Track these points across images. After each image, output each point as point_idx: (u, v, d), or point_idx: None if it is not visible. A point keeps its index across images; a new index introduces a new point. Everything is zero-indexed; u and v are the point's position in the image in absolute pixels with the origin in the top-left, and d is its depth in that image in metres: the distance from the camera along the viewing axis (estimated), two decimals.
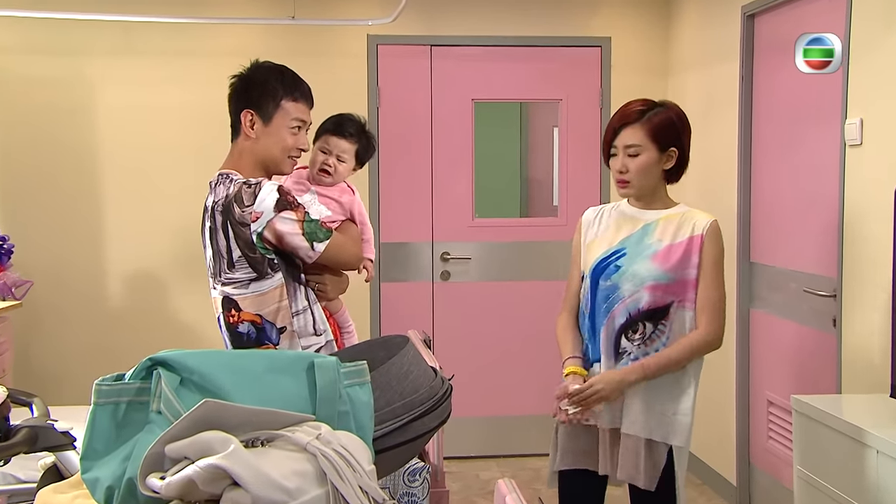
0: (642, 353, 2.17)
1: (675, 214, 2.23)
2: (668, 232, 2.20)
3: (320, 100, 2.24)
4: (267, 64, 2.17)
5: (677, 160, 2.22)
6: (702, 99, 3.94)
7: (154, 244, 4.09)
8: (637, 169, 2.18)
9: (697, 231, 2.18)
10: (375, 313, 4.26)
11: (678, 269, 2.16)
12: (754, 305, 3.51)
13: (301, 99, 2.14)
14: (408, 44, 4.23)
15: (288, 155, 2.14)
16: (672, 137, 2.19)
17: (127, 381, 1.02)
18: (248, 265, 2.05)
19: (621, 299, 2.18)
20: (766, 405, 3.39)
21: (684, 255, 2.16)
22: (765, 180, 3.44)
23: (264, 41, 4.07)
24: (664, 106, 2.21)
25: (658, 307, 2.16)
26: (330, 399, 1.07)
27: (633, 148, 2.18)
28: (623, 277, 2.18)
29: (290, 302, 2.08)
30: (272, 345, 2.08)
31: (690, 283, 2.16)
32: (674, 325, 2.17)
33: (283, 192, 2.03)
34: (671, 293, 2.16)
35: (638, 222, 2.24)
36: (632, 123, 2.18)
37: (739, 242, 3.55)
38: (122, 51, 4.05)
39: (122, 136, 4.07)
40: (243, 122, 2.12)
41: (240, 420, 0.95)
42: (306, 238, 2.03)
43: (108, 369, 1.09)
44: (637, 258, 2.19)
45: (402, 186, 4.28)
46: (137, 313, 4.12)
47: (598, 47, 4.30)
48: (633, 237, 2.23)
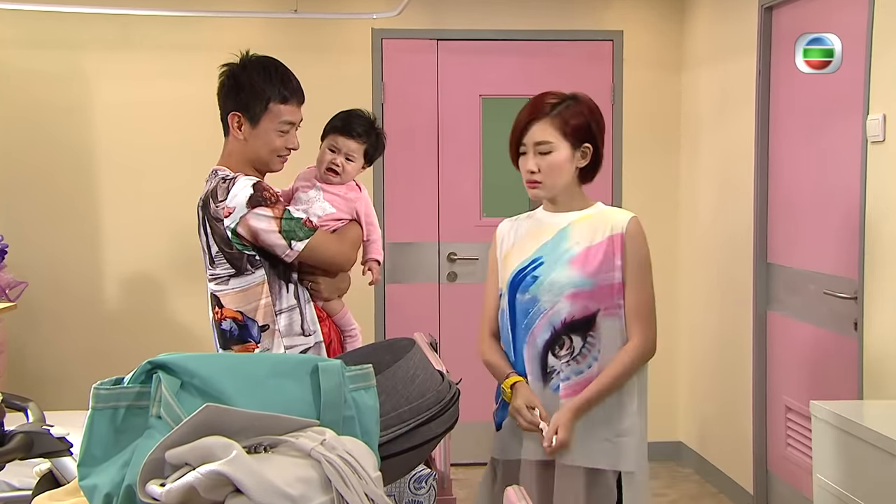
0: (574, 372, 2.05)
1: (590, 215, 2.12)
2: (585, 234, 2.09)
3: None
4: (255, 61, 2.17)
5: (592, 158, 2.11)
6: (717, 94, 3.93)
7: (152, 244, 4.10)
8: (549, 168, 2.07)
9: (617, 230, 2.07)
10: (380, 315, 4.26)
11: (599, 273, 2.04)
12: (771, 308, 3.50)
13: (291, 99, 2.15)
14: (413, 38, 4.23)
15: (277, 155, 2.18)
16: (585, 133, 2.09)
17: (126, 384, 1.02)
18: (226, 261, 2.10)
19: (542, 313, 2.06)
20: (783, 411, 3.38)
21: (605, 257, 2.05)
22: (782, 178, 3.43)
23: (266, 35, 4.07)
24: (576, 99, 2.10)
25: (583, 318, 2.04)
26: (334, 403, 1.07)
27: (545, 145, 2.06)
28: (542, 288, 2.06)
29: (273, 299, 2.11)
30: (254, 343, 2.11)
31: (615, 287, 2.05)
32: (603, 337, 2.05)
33: (258, 188, 2.06)
34: (595, 300, 2.04)
35: (553, 227, 2.13)
36: (542, 118, 2.07)
37: (756, 243, 3.54)
38: (119, 45, 4.06)
39: (120, 133, 4.08)
40: (230, 125, 2.16)
41: (242, 425, 0.95)
42: (283, 236, 2.06)
43: (105, 373, 1.09)
44: (555, 265, 2.07)
45: (407, 185, 4.28)
46: (135, 315, 4.13)
47: (609, 41, 4.30)
48: (549, 244, 2.11)
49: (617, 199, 4.28)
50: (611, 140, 4.31)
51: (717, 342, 3.97)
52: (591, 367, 2.05)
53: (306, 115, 2.31)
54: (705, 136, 4.08)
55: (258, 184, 2.08)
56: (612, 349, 2.06)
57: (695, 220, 4.19)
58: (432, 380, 1.48)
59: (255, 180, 2.09)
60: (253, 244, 2.08)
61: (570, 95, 2.11)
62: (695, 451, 4.24)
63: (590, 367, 2.05)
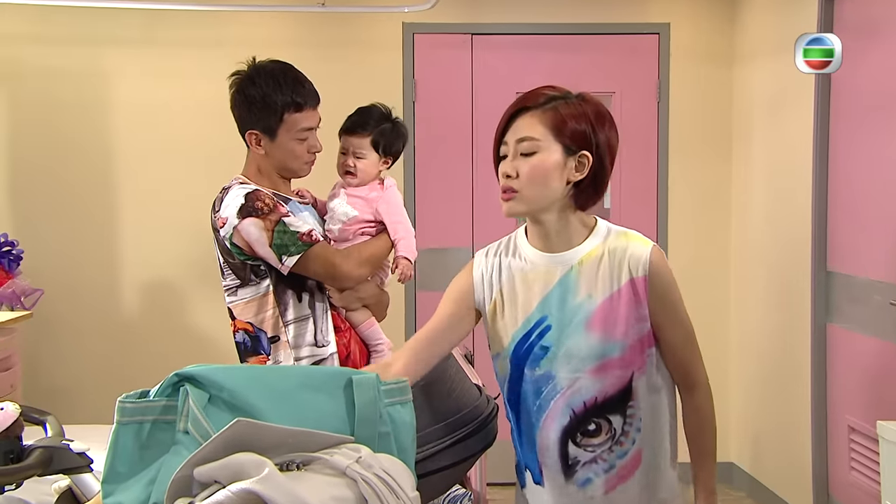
0: (618, 456, 1.70)
1: (597, 249, 1.72)
2: (598, 281, 1.69)
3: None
4: (264, 70, 2.19)
5: (591, 172, 1.69)
6: (772, 90, 3.89)
7: (173, 250, 4.14)
8: (531, 172, 1.67)
9: (637, 271, 1.68)
10: (411, 325, 4.27)
11: (628, 332, 1.67)
12: (832, 320, 3.45)
13: (306, 105, 2.19)
14: (447, 32, 4.23)
15: (304, 162, 2.23)
16: (584, 138, 1.67)
17: (152, 398, 1.04)
18: (231, 272, 2.16)
19: (560, 391, 1.68)
20: (846, 432, 3.33)
21: (629, 309, 1.67)
22: (843, 180, 3.38)
23: (293, 30, 4.11)
24: (583, 98, 1.72)
25: (618, 391, 1.68)
26: (370, 419, 1.08)
27: (529, 142, 1.67)
28: (556, 363, 1.68)
29: (281, 310, 2.15)
30: (265, 355, 2.15)
31: (646, 339, 1.69)
32: (642, 402, 1.70)
33: (251, 198, 2.10)
34: (628, 364, 1.68)
35: (553, 273, 1.72)
36: (530, 110, 1.69)
37: (815, 250, 3.49)
38: (140, 41, 4.12)
39: (140, 134, 4.13)
40: (250, 143, 2.22)
41: (274, 441, 0.96)
42: (274, 250, 2.09)
43: (124, 384, 1.10)
44: (566, 330, 1.68)
45: (439, 187, 4.28)
46: (155, 324, 4.17)
47: (655, 34, 4.27)
48: (551, 298, 1.70)
49: (663, 205, 4.25)
50: (657, 141, 4.28)
51: (772, 356, 3.92)
52: (634, 442, 1.71)
53: (333, 115, 2.32)
54: (759, 135, 4.03)
55: (252, 193, 2.12)
56: (648, 411, 1.72)
57: (748, 225, 4.15)
58: (469, 395, 1.49)
59: (250, 189, 2.13)
60: (251, 254, 2.12)
61: (578, 94, 1.73)
62: (748, 473, 4.19)
63: (634, 444, 1.71)
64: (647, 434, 1.72)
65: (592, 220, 1.78)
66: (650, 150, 4.23)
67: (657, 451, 1.73)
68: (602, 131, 1.70)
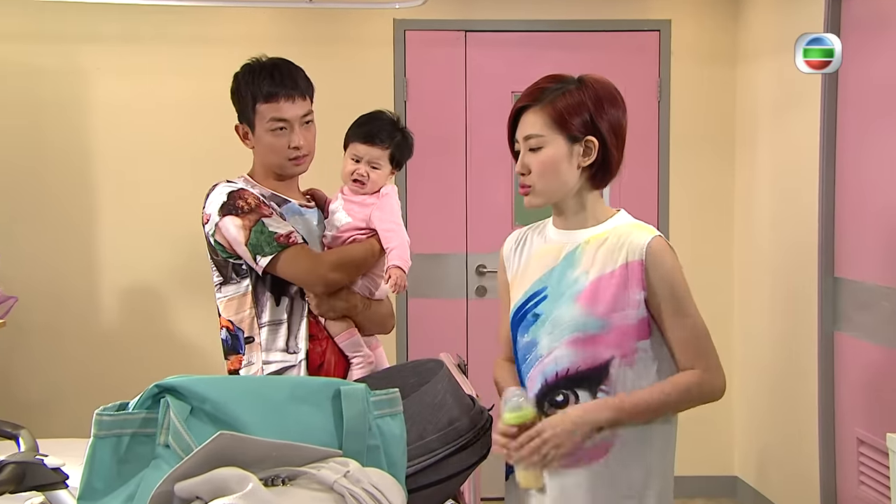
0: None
1: (605, 234, 1.85)
2: (596, 260, 1.82)
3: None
4: (252, 63, 2.24)
5: (599, 155, 1.83)
6: (777, 90, 3.90)
7: (154, 255, 4.14)
8: (539, 167, 1.83)
9: (634, 255, 1.79)
10: (402, 334, 4.27)
11: (613, 312, 1.77)
12: (840, 328, 3.46)
13: (276, 96, 2.19)
14: (439, 29, 4.24)
15: (286, 158, 2.24)
16: (585, 123, 1.81)
17: (131, 410, 1.04)
18: (216, 268, 2.23)
19: (538, 360, 1.82)
20: (855, 444, 3.34)
21: (617, 290, 1.78)
22: (852, 182, 3.39)
23: (279, 26, 4.11)
24: (580, 82, 1.85)
25: (591, 368, 1.78)
26: (358, 432, 1.08)
27: (533, 139, 1.83)
28: (542, 329, 1.82)
29: (257, 311, 2.20)
30: (241, 354, 2.21)
31: (630, 329, 1.78)
32: (619, 392, 1.78)
33: (233, 197, 2.16)
34: (608, 346, 1.77)
35: (560, 249, 1.87)
36: (530, 107, 1.85)
37: (821, 255, 3.50)
38: (120, 38, 4.11)
39: (120, 134, 4.13)
40: (239, 137, 2.29)
41: (258, 455, 0.96)
42: (249, 249, 2.14)
43: (103, 396, 1.10)
44: (559, 300, 1.82)
45: (432, 190, 4.29)
46: (136, 333, 4.16)
47: (655, 31, 4.28)
48: (555, 272, 1.86)
49: (664, 208, 4.26)
50: (657, 142, 4.29)
51: (778, 366, 3.92)
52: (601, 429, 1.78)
53: (321, 114, 2.33)
54: (763, 135, 4.05)
55: (236, 191, 2.18)
56: None
57: (752, 229, 4.16)
58: (462, 406, 1.49)
59: (234, 188, 2.19)
60: (233, 252, 2.18)
61: (575, 78, 1.87)
62: (752, 488, 4.19)
63: (601, 430, 1.79)
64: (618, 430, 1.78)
65: (615, 211, 1.92)
66: (650, 152, 4.24)
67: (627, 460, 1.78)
68: (603, 114, 1.83)
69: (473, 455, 1.61)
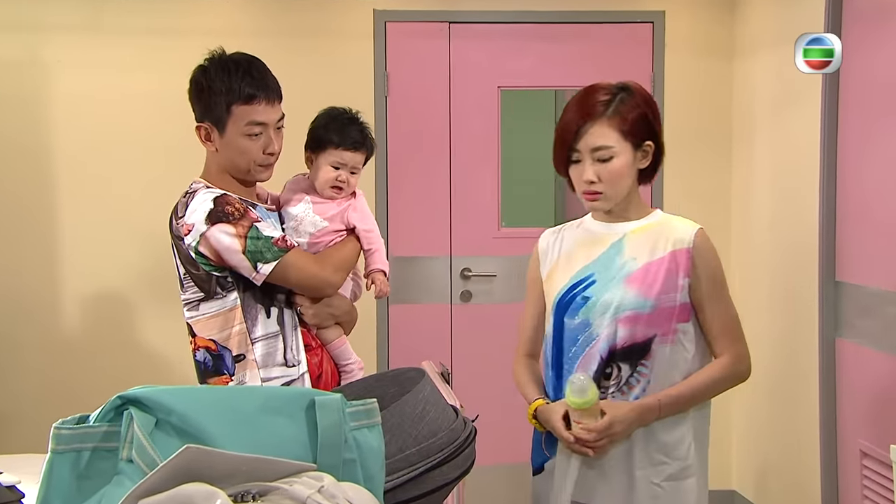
0: None
1: (649, 225, 2.17)
2: (644, 247, 2.13)
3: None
4: (220, 59, 2.21)
5: (653, 155, 2.16)
6: (776, 85, 3.93)
7: (120, 258, 4.11)
8: (611, 176, 2.09)
9: (681, 244, 2.11)
10: (383, 341, 4.26)
11: (660, 294, 2.07)
12: (842, 334, 3.48)
13: (258, 97, 2.18)
14: (422, 21, 4.25)
15: (258, 164, 2.22)
16: (646, 129, 2.12)
17: (92, 423, 1.03)
18: (193, 284, 2.16)
19: (594, 339, 2.10)
20: (858, 457, 3.35)
21: (667, 275, 2.09)
22: (854, 181, 3.42)
23: (251, 18, 4.10)
24: (628, 89, 2.13)
25: (635, 343, 2.08)
26: (334, 444, 1.08)
27: (605, 150, 2.08)
28: (594, 311, 2.10)
29: (248, 326, 2.16)
30: (228, 375, 2.16)
31: (676, 310, 2.09)
32: (656, 367, 2.09)
33: (220, 203, 2.11)
34: (652, 325, 2.08)
35: (606, 239, 2.18)
36: (597, 120, 2.09)
37: (822, 258, 3.52)
38: (83, 28, 4.09)
39: (83, 130, 4.11)
40: (200, 137, 2.23)
41: (227, 469, 0.95)
42: (248, 257, 2.10)
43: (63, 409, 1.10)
44: (609, 284, 2.11)
45: (414, 190, 4.29)
46: (100, 341, 4.14)
47: (649, 23, 4.30)
48: (601, 259, 2.15)
49: (657, 203, 4.26)
50: None
51: (777, 374, 3.94)
52: (637, 398, 2.08)
53: (296, 112, 2.33)
54: (762, 132, 4.07)
55: (221, 197, 2.13)
56: (663, 381, 2.09)
57: (749, 231, 4.18)
58: (444, 416, 1.49)
59: (218, 193, 2.14)
60: (219, 264, 2.13)
61: (620, 86, 2.12)
62: (751, 503, 4.21)
63: (636, 399, 2.08)
64: None
65: (652, 209, 2.23)
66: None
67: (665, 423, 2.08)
68: (656, 118, 2.16)
69: (456, 469, 1.61)
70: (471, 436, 1.56)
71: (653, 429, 2.09)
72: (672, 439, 2.11)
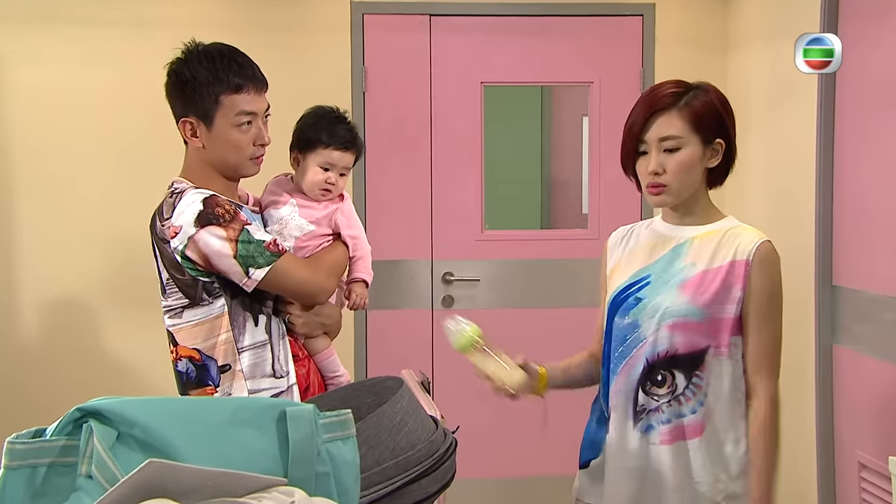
0: (674, 414, 2.11)
1: (716, 231, 2.18)
2: (705, 253, 2.14)
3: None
4: (200, 50, 2.20)
5: (724, 156, 2.19)
6: (770, 80, 3.95)
7: (80, 262, 4.09)
8: (677, 167, 2.11)
9: (742, 255, 2.11)
10: (361, 348, 4.26)
11: (713, 304, 2.09)
12: (839, 341, 3.50)
13: (246, 86, 2.18)
14: (401, 13, 4.25)
15: (249, 157, 2.21)
16: (718, 126, 2.16)
17: (49, 437, 1.02)
18: (178, 289, 2.14)
19: (641, 342, 2.13)
20: (856, 468, 3.37)
21: (723, 285, 2.10)
22: (851, 182, 3.44)
23: (221, 11, 4.09)
24: (702, 88, 2.18)
25: (687, 353, 2.10)
26: (305, 457, 1.08)
27: (672, 140, 2.11)
28: (644, 313, 2.13)
29: (235, 334, 2.14)
30: (213, 386, 2.14)
31: (727, 323, 2.10)
32: (713, 380, 2.11)
33: (210, 204, 2.10)
34: (705, 336, 2.10)
35: (670, 241, 2.20)
36: (666, 110, 2.12)
37: (818, 262, 3.54)
38: (40, 19, 4.06)
39: (41, 126, 4.08)
40: (184, 133, 2.21)
41: (193, 485, 0.95)
42: (240, 262, 2.09)
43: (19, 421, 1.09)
44: (662, 287, 2.13)
45: (394, 191, 4.28)
46: (59, 349, 4.11)
47: (638, 16, 4.32)
48: (661, 261, 2.18)
49: (648, 209, 4.29)
50: None
51: None
52: (694, 412, 2.10)
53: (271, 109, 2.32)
54: (755, 130, 4.09)
55: (210, 198, 2.11)
56: (720, 397, 2.12)
57: None
58: (423, 428, 1.49)
59: (208, 194, 2.12)
60: (207, 269, 2.11)
61: (695, 84, 2.17)
62: None
63: (693, 413, 2.10)
64: (713, 414, 2.11)
65: (724, 214, 2.24)
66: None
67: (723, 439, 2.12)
68: (729, 117, 2.20)
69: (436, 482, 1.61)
70: (451, 448, 1.56)
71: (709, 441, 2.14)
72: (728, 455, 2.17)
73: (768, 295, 2.15)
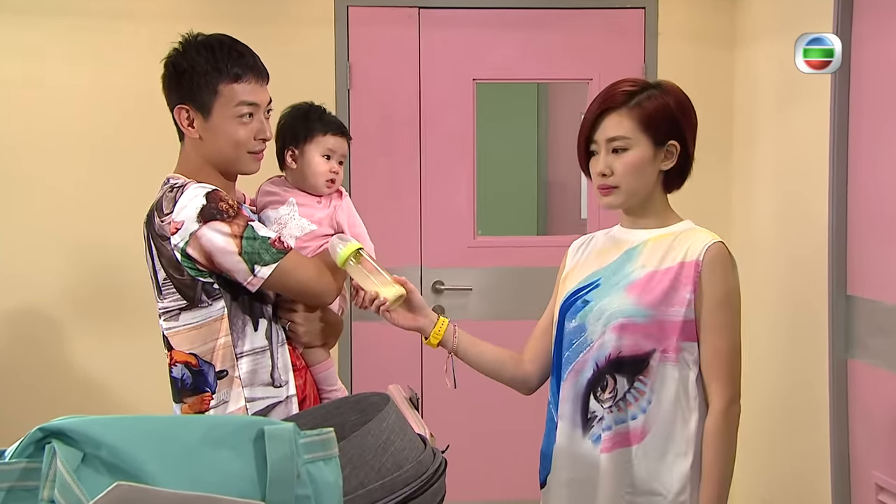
0: (615, 420, 2.13)
1: (670, 234, 2.23)
2: (655, 256, 2.19)
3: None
4: (199, 40, 2.23)
5: (679, 159, 2.24)
6: (780, 77, 3.96)
7: (46, 269, 4.07)
8: (625, 168, 2.17)
9: (692, 256, 2.15)
10: (345, 362, 4.26)
11: (660, 306, 2.13)
12: (854, 355, 3.51)
13: (247, 76, 2.21)
14: (388, 5, 4.26)
15: (247, 150, 2.23)
16: (671, 128, 2.20)
17: (7, 459, 1.02)
18: (175, 290, 2.15)
19: (588, 345, 2.18)
20: (874, 491, 3.38)
21: (671, 286, 2.14)
22: (867, 185, 3.44)
23: (195, 3, 4.08)
24: (660, 87, 2.22)
25: (632, 356, 2.13)
26: (284, 479, 1.07)
27: (620, 140, 2.17)
28: (590, 315, 2.18)
29: (234, 339, 2.16)
30: (209, 393, 2.15)
31: (674, 326, 2.13)
32: (657, 386, 2.14)
33: (213, 199, 2.11)
34: (650, 338, 2.13)
35: (623, 245, 2.26)
36: (616, 109, 2.18)
37: (832, 270, 3.54)
38: (8, 9, 4.05)
39: (6, 124, 4.07)
40: (180, 122, 2.22)
41: None
42: (245, 259, 2.10)
43: None
44: (610, 290, 2.18)
45: (380, 194, 4.29)
46: (20, 364, 4.09)
47: (640, 9, 4.34)
48: (612, 264, 2.24)
49: None
50: None
51: (783, 398, 3.97)
52: (635, 418, 2.13)
53: None
54: (765, 130, 4.11)
55: (213, 193, 2.12)
56: (663, 404, 2.14)
57: (752, 239, 4.21)
58: (411, 447, 1.48)
59: (210, 189, 2.14)
60: (209, 268, 2.12)
61: (653, 83, 2.22)
62: None
63: (634, 419, 2.13)
64: (655, 421, 2.13)
65: (681, 218, 2.29)
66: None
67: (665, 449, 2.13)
68: (686, 119, 2.24)
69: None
70: (440, 468, 1.56)
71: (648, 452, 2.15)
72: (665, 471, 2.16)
73: (721, 298, 2.16)
